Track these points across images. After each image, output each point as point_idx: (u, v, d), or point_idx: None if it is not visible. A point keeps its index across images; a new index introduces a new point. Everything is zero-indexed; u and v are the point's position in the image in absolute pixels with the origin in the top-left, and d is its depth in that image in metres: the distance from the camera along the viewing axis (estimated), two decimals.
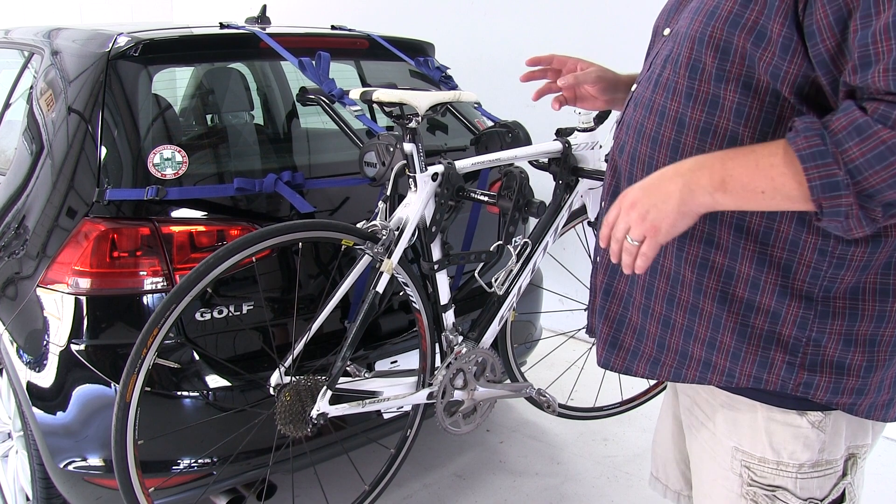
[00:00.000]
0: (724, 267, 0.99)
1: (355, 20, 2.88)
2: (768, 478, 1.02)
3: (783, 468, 1.01)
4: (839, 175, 0.80)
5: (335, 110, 2.13)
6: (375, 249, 1.75)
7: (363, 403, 1.80)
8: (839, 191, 0.81)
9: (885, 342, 0.96)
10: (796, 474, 1.01)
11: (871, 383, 0.97)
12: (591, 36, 3.45)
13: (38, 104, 2.05)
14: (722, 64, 0.93)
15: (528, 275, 2.04)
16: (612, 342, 1.13)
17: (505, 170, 1.94)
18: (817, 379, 0.97)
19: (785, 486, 1.01)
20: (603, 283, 1.14)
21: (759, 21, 0.89)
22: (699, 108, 0.96)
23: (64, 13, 5.42)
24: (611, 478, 2.52)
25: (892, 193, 0.79)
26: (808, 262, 0.94)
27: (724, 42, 0.92)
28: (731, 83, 0.93)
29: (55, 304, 1.77)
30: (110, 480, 1.63)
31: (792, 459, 1.01)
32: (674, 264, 1.03)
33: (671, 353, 1.07)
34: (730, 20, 0.91)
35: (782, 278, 0.96)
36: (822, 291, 0.95)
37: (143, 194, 1.75)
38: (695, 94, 0.96)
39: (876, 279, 0.94)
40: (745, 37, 0.90)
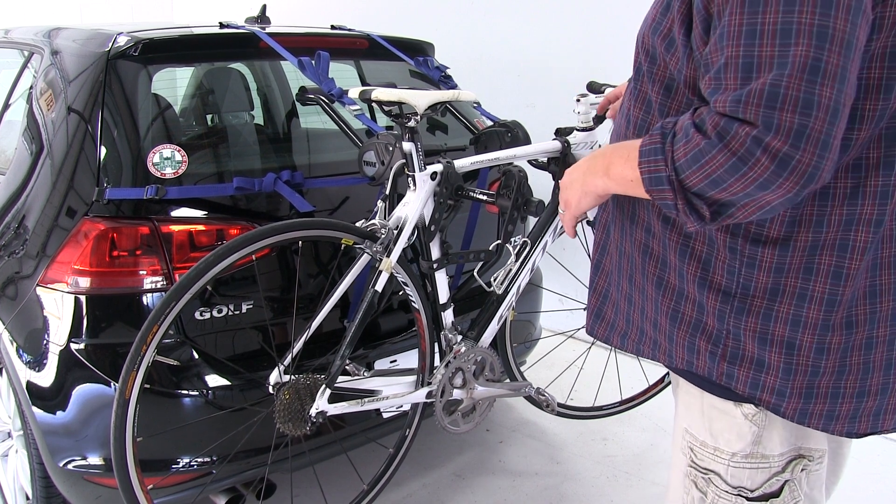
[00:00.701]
0: (660, 254, 1.06)
1: (355, 20, 2.88)
2: (706, 461, 1.07)
3: (718, 454, 1.06)
4: (665, 171, 0.89)
5: (335, 110, 2.14)
6: (374, 248, 1.75)
7: (362, 402, 1.81)
8: (663, 185, 0.90)
9: (805, 348, 0.96)
10: (728, 462, 1.05)
11: (794, 386, 0.97)
12: (591, 36, 3.46)
13: (37, 104, 2.05)
14: (651, 67, 1.02)
15: (527, 274, 2.04)
16: (597, 312, 1.23)
17: (504, 169, 1.94)
18: (737, 371, 1.01)
19: (717, 471, 1.06)
20: (594, 260, 1.22)
21: (672, 28, 0.96)
22: (638, 106, 1.06)
23: (64, 13, 5.42)
24: (610, 477, 2.52)
25: (715, 194, 0.86)
26: (723, 258, 0.99)
27: (651, 47, 1.01)
28: (656, 84, 1.01)
29: (55, 303, 1.77)
30: (110, 479, 1.63)
31: (726, 447, 1.05)
32: (629, 247, 1.11)
33: (634, 328, 1.15)
34: (653, 27, 1.00)
35: (702, 271, 1.01)
36: (741, 288, 0.98)
37: (142, 193, 1.75)
38: (637, 94, 1.06)
39: (796, 283, 0.95)
40: (661, 42, 0.98)
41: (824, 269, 0.94)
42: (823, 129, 0.78)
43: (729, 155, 0.82)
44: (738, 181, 0.83)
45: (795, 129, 0.78)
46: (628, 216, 1.10)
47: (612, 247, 1.16)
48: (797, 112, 0.78)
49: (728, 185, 0.84)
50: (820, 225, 0.93)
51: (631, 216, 1.09)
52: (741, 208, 0.87)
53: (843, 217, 0.92)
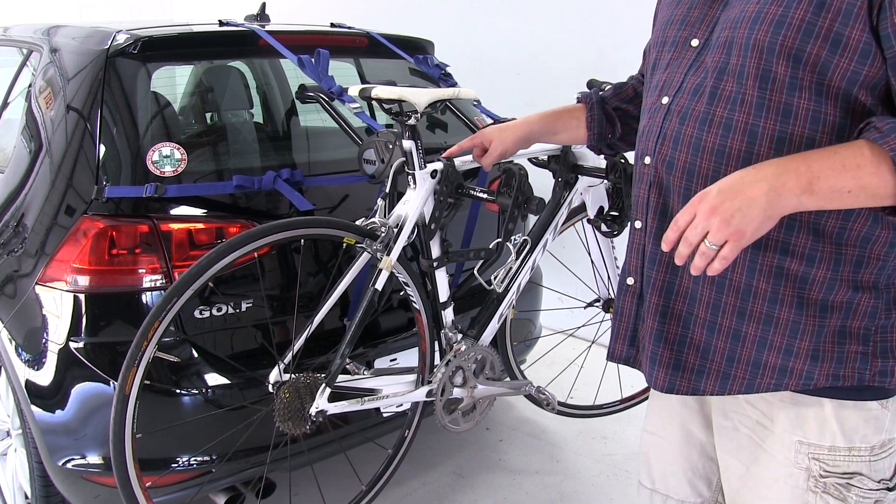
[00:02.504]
0: (800, 273, 1.00)
1: (355, 18, 2.87)
2: (842, 465, 1.02)
3: (855, 453, 1.02)
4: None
5: (334, 108, 2.13)
6: (374, 247, 1.75)
7: (362, 401, 1.80)
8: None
9: None
10: (869, 457, 1.02)
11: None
12: (590, 36, 3.45)
13: (36, 102, 2.05)
14: (794, 72, 0.94)
15: (527, 272, 2.04)
16: (675, 364, 1.10)
17: (504, 167, 1.93)
18: (891, 364, 1.00)
19: (860, 471, 1.02)
20: (659, 305, 1.10)
21: (834, 28, 0.90)
22: (772, 117, 0.96)
23: (63, 10, 5.41)
24: (610, 476, 2.52)
25: None
26: (877, 255, 0.98)
27: (796, 51, 0.93)
28: (804, 91, 0.94)
29: (54, 301, 1.77)
30: (109, 478, 1.62)
31: (864, 443, 1.02)
32: (745, 277, 1.02)
33: (742, 365, 1.05)
34: (803, 29, 0.92)
35: (853, 274, 0.98)
36: (885, 280, 0.99)
37: (141, 192, 1.75)
38: (766, 104, 0.96)
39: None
40: (821, 45, 0.91)
41: None
42: None
43: None
44: None
45: None
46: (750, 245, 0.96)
47: (701, 286, 1.06)
48: None
49: None
50: None
51: (756, 244, 0.98)
52: None
53: None
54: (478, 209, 2.26)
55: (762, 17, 0.95)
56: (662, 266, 1.10)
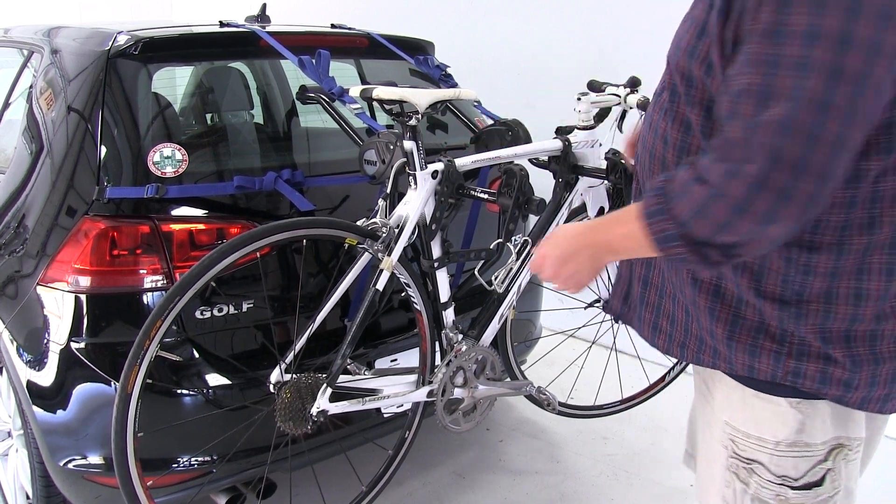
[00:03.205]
0: None
1: (355, 19, 2.88)
2: (748, 452, 1.07)
3: (762, 444, 1.06)
4: (672, 229, 0.93)
5: (335, 108, 2.13)
6: (375, 247, 1.75)
7: (363, 401, 1.80)
8: (673, 242, 0.94)
9: (859, 338, 1.00)
10: (773, 451, 1.05)
11: (862, 378, 1.00)
12: (591, 36, 3.45)
13: (37, 103, 2.05)
14: (688, 90, 1.01)
15: (527, 273, 2.04)
16: (653, 326, 1.21)
17: (505, 168, 1.94)
18: (805, 367, 1.01)
19: (761, 461, 1.06)
20: (641, 274, 1.22)
21: (710, 52, 0.95)
22: (676, 127, 1.05)
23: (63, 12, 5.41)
24: (610, 476, 2.52)
25: (723, 237, 0.90)
26: (776, 269, 1.00)
27: (686, 71, 1.00)
28: (695, 107, 1.01)
29: (55, 302, 1.77)
30: (110, 479, 1.63)
31: (770, 436, 1.05)
32: None
33: (692, 339, 1.14)
34: (688, 51, 0.99)
35: (755, 282, 1.02)
36: (795, 296, 1.00)
37: (142, 192, 1.75)
38: (674, 115, 1.05)
39: (850, 284, 0.98)
40: (698, 66, 0.97)
41: (876, 267, 0.97)
42: (826, 160, 0.82)
43: (733, 198, 0.86)
44: (743, 221, 0.87)
45: (797, 161, 0.82)
46: None
47: (661, 261, 1.16)
48: (801, 145, 0.82)
49: (735, 226, 0.88)
50: (872, 227, 0.95)
51: None
52: (749, 245, 0.91)
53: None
54: (478, 210, 2.26)
55: (675, 35, 1.05)
56: None
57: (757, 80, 0.85)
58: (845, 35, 0.80)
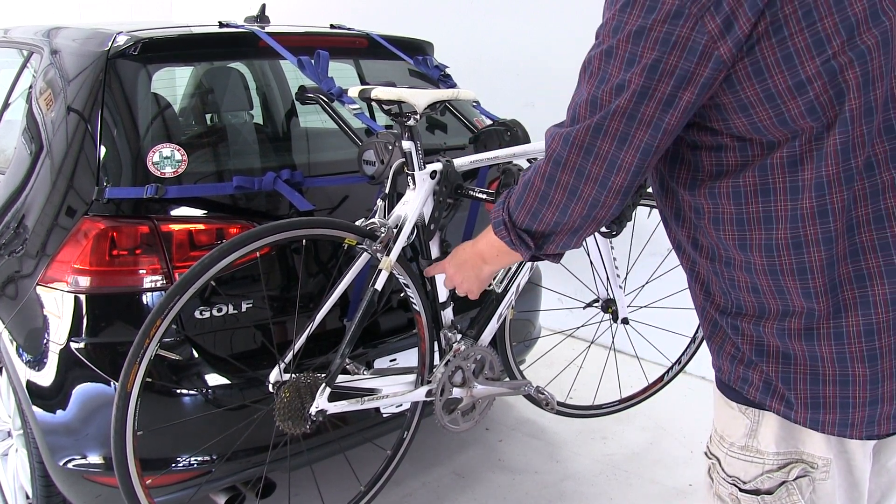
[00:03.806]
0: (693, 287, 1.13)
1: (354, 19, 2.88)
2: (714, 447, 1.11)
3: (721, 442, 1.09)
4: (502, 216, 1.15)
5: (334, 109, 2.14)
6: (374, 247, 1.75)
7: (362, 401, 1.81)
8: (501, 227, 1.15)
9: (799, 358, 0.97)
10: (727, 451, 1.08)
11: (800, 397, 0.97)
12: (590, 35, 3.44)
13: (37, 103, 2.05)
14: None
15: (526, 273, 2.04)
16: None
17: (503, 168, 1.94)
18: (751, 375, 1.03)
19: (719, 457, 1.09)
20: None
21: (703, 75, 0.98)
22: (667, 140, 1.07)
23: (63, 12, 5.42)
24: (610, 476, 2.52)
25: (534, 225, 1.09)
26: (714, 282, 1.05)
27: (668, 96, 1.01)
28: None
29: (55, 302, 1.77)
30: (110, 478, 1.63)
31: (727, 436, 1.08)
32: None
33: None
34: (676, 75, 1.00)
35: (704, 293, 1.08)
36: (734, 307, 1.03)
37: (142, 193, 1.75)
38: None
39: (776, 301, 0.97)
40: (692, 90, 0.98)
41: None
42: (600, 176, 0.97)
43: (537, 189, 1.05)
44: (547, 211, 1.05)
45: (577, 171, 0.99)
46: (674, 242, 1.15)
47: None
48: (580, 157, 0.98)
49: (541, 216, 1.06)
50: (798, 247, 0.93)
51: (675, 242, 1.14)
52: (557, 236, 1.09)
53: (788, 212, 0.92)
54: (477, 210, 2.26)
55: None
56: None
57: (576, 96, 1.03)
58: None
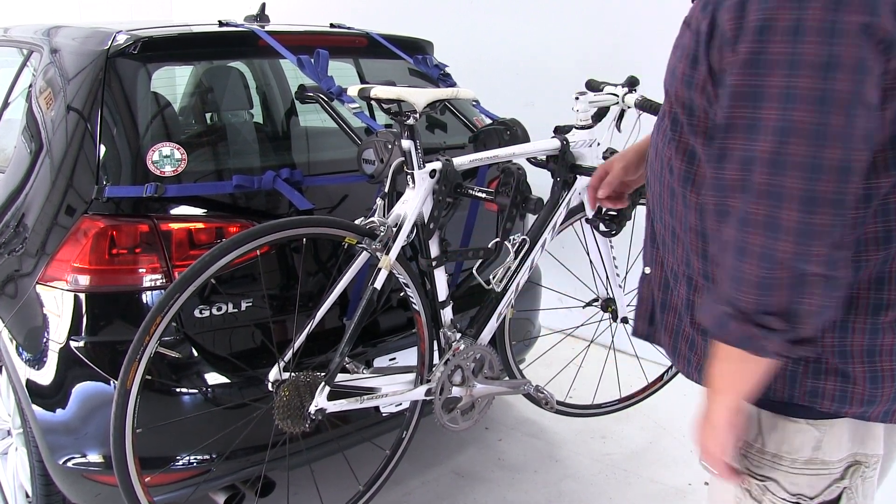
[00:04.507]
0: None
1: (354, 18, 2.88)
2: (763, 468, 1.03)
3: (777, 461, 1.02)
4: (720, 310, 0.91)
5: (334, 108, 2.14)
6: (374, 246, 1.75)
7: (361, 399, 1.81)
8: (727, 323, 0.91)
9: (885, 352, 0.95)
10: (788, 468, 1.01)
11: (884, 393, 0.96)
12: (589, 35, 3.46)
13: (37, 102, 2.05)
14: (690, 119, 0.98)
15: (526, 272, 2.04)
16: (673, 350, 1.17)
17: (503, 167, 1.94)
18: (822, 385, 0.98)
19: (776, 478, 1.02)
20: (659, 298, 1.18)
21: (706, 82, 0.92)
22: (681, 157, 1.01)
23: (63, 11, 5.42)
24: (609, 475, 2.52)
25: (769, 298, 0.87)
26: None
27: (686, 100, 0.97)
28: (699, 136, 0.97)
29: (54, 301, 1.77)
30: (109, 477, 1.63)
31: (785, 453, 1.01)
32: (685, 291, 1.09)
33: None
34: (685, 81, 0.95)
35: None
36: None
37: (141, 191, 1.76)
38: (677, 144, 1.01)
39: (868, 295, 0.95)
40: (701, 95, 0.94)
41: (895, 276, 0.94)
42: (834, 188, 0.81)
43: (757, 247, 0.85)
44: (777, 270, 0.85)
45: (803, 195, 0.82)
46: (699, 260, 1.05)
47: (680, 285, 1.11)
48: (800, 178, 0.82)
49: (773, 280, 0.85)
50: (888, 241, 0.92)
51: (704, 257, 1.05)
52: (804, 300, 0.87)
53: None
54: (476, 209, 2.26)
55: (668, 63, 1.01)
56: (658, 263, 1.16)
57: (741, 113, 0.85)
58: (828, 59, 0.79)
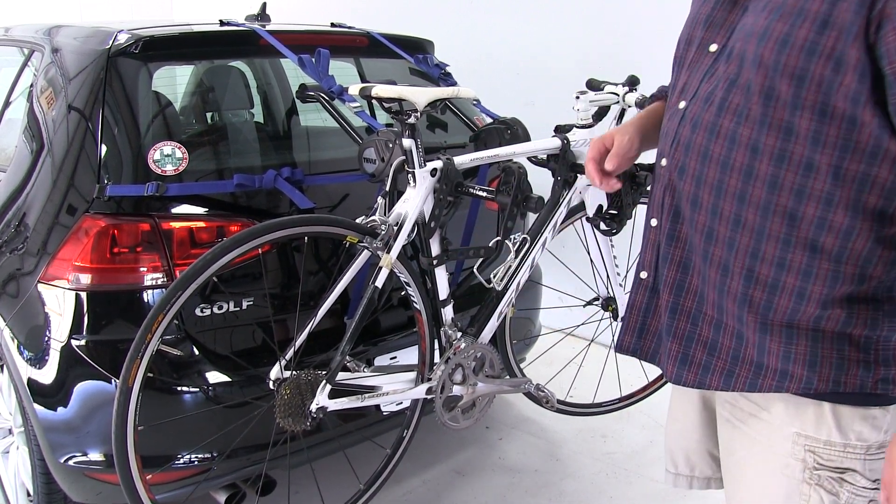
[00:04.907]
0: (795, 287, 1.01)
1: (355, 18, 2.88)
2: (836, 460, 1.02)
3: (850, 450, 1.02)
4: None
5: (335, 107, 2.14)
6: (374, 245, 1.76)
7: (362, 398, 1.81)
8: None
9: None
10: (865, 456, 1.01)
11: None
12: (590, 36, 3.46)
13: (38, 102, 2.05)
14: (797, 91, 0.94)
15: (526, 270, 2.05)
16: (682, 358, 1.13)
17: (503, 166, 1.94)
18: (893, 372, 0.99)
19: (854, 468, 1.02)
20: (669, 301, 1.13)
21: (837, 48, 0.89)
22: (773, 134, 0.97)
23: (64, 10, 5.42)
24: (609, 474, 2.53)
25: None
26: (877, 275, 0.98)
27: (799, 70, 0.93)
28: (806, 110, 0.94)
29: (56, 300, 1.78)
30: (111, 475, 1.63)
31: (860, 441, 1.01)
32: (741, 286, 1.04)
33: (746, 366, 1.07)
34: (806, 48, 0.92)
35: (851, 290, 0.99)
36: (885, 292, 0.98)
37: (143, 190, 1.76)
38: (769, 121, 0.97)
39: None
40: (824, 64, 0.91)
41: None
42: None
43: None
44: None
45: None
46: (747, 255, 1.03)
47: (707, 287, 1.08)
48: None
49: None
50: None
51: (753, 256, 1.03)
52: None
53: None
54: (477, 207, 2.27)
55: (769, 35, 0.95)
56: (674, 265, 1.12)
57: None
58: None
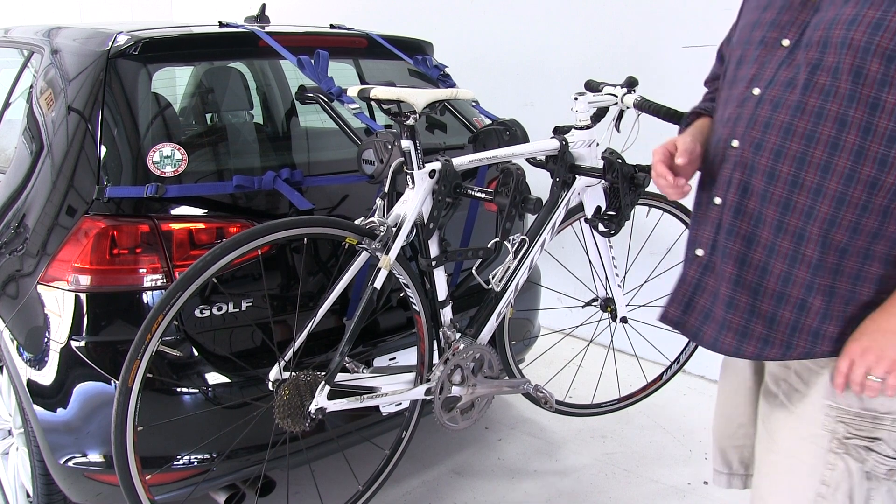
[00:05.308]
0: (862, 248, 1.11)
1: (354, 19, 2.89)
2: (865, 430, 1.11)
3: (879, 421, 1.09)
4: None
5: (334, 108, 2.14)
6: (373, 246, 1.76)
7: (361, 399, 1.82)
8: None
9: None
10: (891, 427, 1.09)
11: None
12: (589, 35, 3.46)
13: (37, 103, 2.06)
14: (887, 70, 1.05)
15: (525, 271, 2.05)
16: (741, 331, 1.20)
17: (502, 167, 1.95)
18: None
19: (881, 437, 1.10)
20: (732, 274, 1.21)
21: None
22: (862, 108, 1.08)
23: (63, 12, 5.43)
24: (609, 474, 2.53)
25: None
26: None
27: (890, 51, 1.04)
28: (893, 87, 1.05)
29: (55, 301, 1.78)
30: (110, 476, 1.64)
31: (888, 412, 1.09)
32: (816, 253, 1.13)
33: (804, 335, 1.16)
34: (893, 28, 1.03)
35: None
36: None
37: (142, 192, 1.76)
38: (858, 96, 1.08)
39: None
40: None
41: None
42: None
43: None
44: None
45: None
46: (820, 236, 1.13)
47: (774, 259, 1.16)
48: None
49: None
50: None
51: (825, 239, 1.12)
52: None
53: None
54: (476, 209, 2.27)
55: (859, 20, 1.07)
56: (739, 238, 1.20)
57: None
58: None
